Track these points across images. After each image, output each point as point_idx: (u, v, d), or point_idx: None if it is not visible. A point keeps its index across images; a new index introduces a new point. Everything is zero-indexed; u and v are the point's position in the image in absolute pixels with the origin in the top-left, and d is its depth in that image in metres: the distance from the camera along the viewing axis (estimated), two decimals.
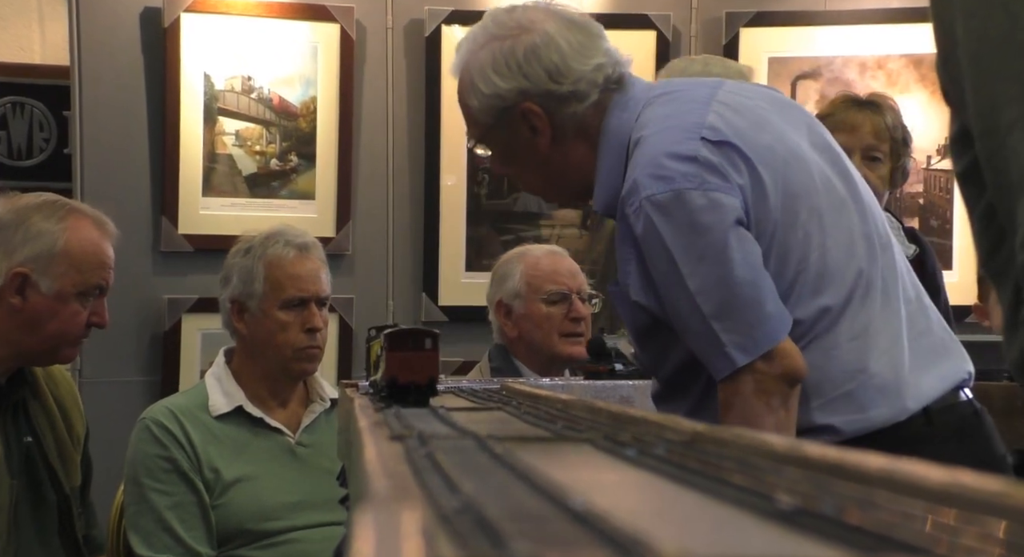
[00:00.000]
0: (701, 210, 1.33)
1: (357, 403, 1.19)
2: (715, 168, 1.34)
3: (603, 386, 1.68)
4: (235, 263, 2.06)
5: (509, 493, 0.52)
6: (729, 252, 1.32)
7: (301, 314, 2.03)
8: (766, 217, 1.36)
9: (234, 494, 1.97)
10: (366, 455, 0.63)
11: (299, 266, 2.05)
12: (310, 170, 3.06)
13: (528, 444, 0.75)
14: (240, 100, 3.03)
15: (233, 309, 2.06)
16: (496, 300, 2.38)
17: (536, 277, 2.33)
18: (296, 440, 2.07)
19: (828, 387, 1.36)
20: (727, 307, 1.33)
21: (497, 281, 2.40)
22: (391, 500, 0.45)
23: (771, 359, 1.32)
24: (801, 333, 1.36)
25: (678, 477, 0.56)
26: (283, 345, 2.02)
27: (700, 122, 1.37)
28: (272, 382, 2.06)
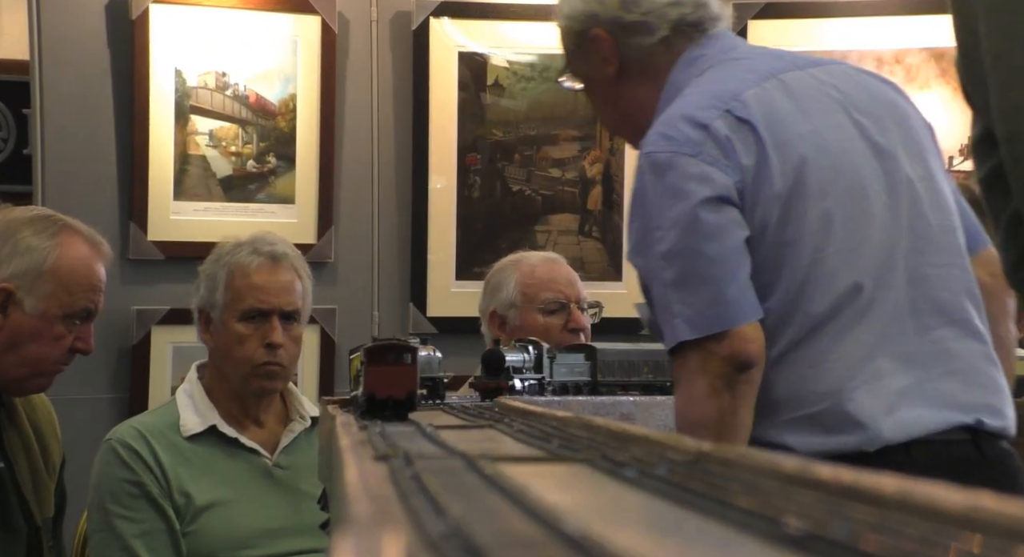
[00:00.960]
0: (690, 178, 1.39)
1: (339, 421, 1.19)
2: (722, 142, 1.40)
3: (602, 402, 1.68)
4: (205, 270, 2.06)
5: (499, 517, 0.52)
6: (703, 226, 1.38)
7: (261, 327, 2.01)
8: (764, 206, 1.39)
9: (207, 520, 1.96)
10: (347, 477, 0.63)
11: (264, 276, 2.03)
12: (289, 172, 3.07)
13: (521, 464, 0.75)
14: (214, 97, 3.03)
15: (200, 319, 2.05)
16: (489, 311, 2.38)
17: (532, 286, 2.33)
18: (274, 461, 2.06)
19: (794, 403, 1.39)
20: (687, 279, 1.39)
21: (490, 290, 2.39)
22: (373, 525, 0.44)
23: (721, 339, 1.37)
24: (775, 332, 1.39)
25: (680, 499, 0.56)
26: (240, 360, 2.01)
27: (736, 94, 1.44)
28: (241, 400, 2.05)
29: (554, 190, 3.22)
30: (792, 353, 1.40)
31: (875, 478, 0.48)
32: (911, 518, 0.45)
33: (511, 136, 3.20)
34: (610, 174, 3.24)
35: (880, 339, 1.40)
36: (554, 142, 3.22)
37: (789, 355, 1.40)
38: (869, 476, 0.48)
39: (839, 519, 0.45)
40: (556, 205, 3.22)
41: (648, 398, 1.73)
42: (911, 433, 1.37)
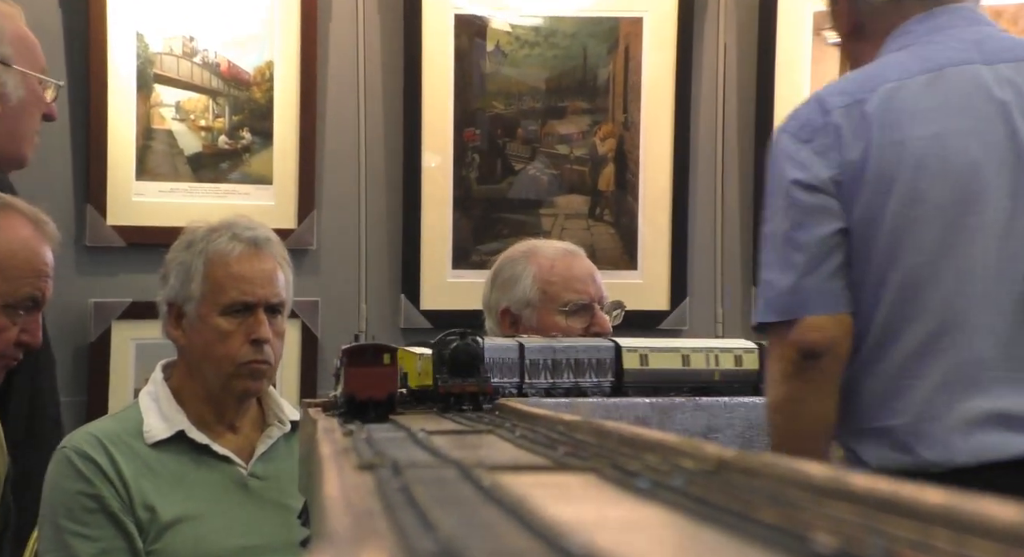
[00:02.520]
0: (795, 163, 1.60)
1: (321, 426, 1.20)
2: (837, 132, 1.58)
3: (615, 404, 1.68)
4: (174, 259, 2.06)
5: (496, 532, 0.52)
6: (794, 212, 1.58)
7: (245, 322, 2.01)
8: (860, 204, 1.56)
9: (173, 538, 1.96)
10: (327, 488, 0.63)
11: (246, 265, 2.03)
12: (266, 149, 3.06)
13: (521, 474, 0.76)
14: (181, 65, 3.02)
15: (170, 314, 2.05)
16: (501, 307, 2.37)
17: (552, 283, 2.32)
18: (249, 471, 2.06)
19: (874, 413, 1.54)
20: (774, 262, 1.60)
21: (501, 284, 2.38)
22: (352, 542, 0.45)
23: (791, 326, 1.57)
24: (863, 333, 1.56)
25: (699, 513, 0.56)
26: (223, 358, 2.00)
27: (877, 84, 1.60)
28: (214, 403, 2.05)
29: (561, 169, 3.22)
30: (877, 360, 1.54)
31: (916, 490, 0.48)
32: (956, 534, 0.45)
33: (513, 109, 3.20)
34: (623, 151, 3.24)
35: (970, 361, 1.50)
36: (561, 115, 3.21)
37: (874, 362, 1.54)
38: (909, 488, 0.48)
39: (874, 535, 0.45)
40: (564, 185, 3.22)
41: (667, 400, 1.73)
42: (987, 457, 1.47)
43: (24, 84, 2.24)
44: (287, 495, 1.98)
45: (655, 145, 3.22)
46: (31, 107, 2.26)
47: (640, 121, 3.21)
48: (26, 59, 2.25)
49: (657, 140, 3.22)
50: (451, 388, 1.40)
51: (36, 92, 2.27)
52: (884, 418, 1.55)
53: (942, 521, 0.46)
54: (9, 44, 2.23)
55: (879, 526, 0.47)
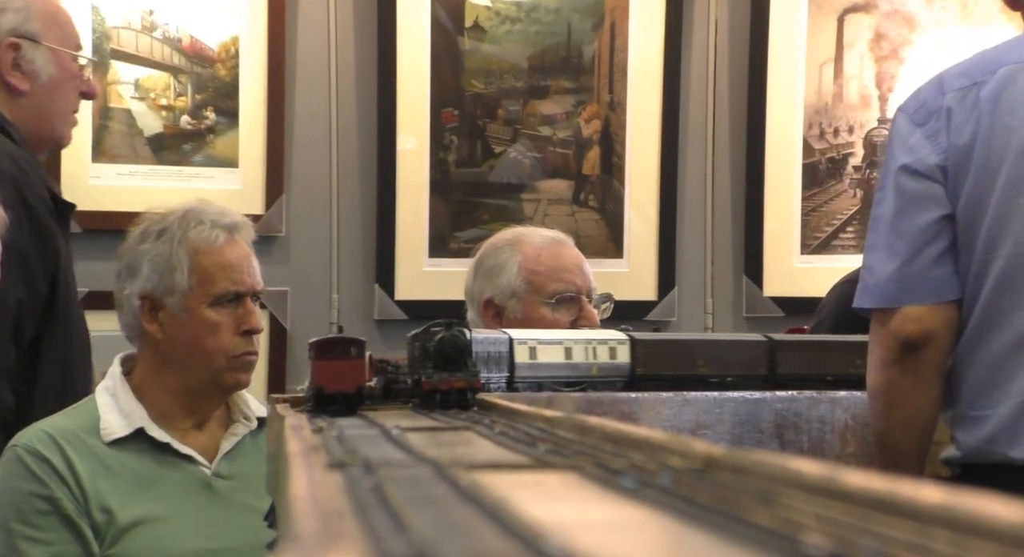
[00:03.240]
0: (902, 143, 1.66)
1: (289, 423, 1.19)
2: (947, 115, 1.64)
3: (599, 399, 1.69)
4: (146, 249, 2.05)
5: (472, 534, 0.53)
6: (899, 198, 1.65)
7: (235, 313, 2.02)
8: (967, 191, 1.61)
9: (132, 541, 1.95)
10: (293, 488, 0.63)
11: (230, 253, 2.03)
12: (232, 130, 3.05)
13: (500, 473, 0.76)
14: (140, 40, 3.01)
15: (144, 307, 2.04)
16: (484, 298, 2.37)
17: (538, 273, 2.32)
18: (213, 470, 2.06)
19: (971, 401, 1.62)
20: (877, 247, 1.69)
21: (485, 274, 2.38)
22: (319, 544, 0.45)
23: (890, 314, 1.64)
24: (966, 322, 1.63)
25: (686, 513, 0.56)
26: (215, 352, 2.01)
27: (996, 67, 1.65)
28: (191, 399, 2.05)
29: (544, 152, 3.22)
30: (977, 348, 1.60)
31: (913, 488, 0.48)
32: (955, 535, 0.45)
33: (494, 88, 3.20)
34: (609, 133, 3.24)
35: None
36: (544, 95, 3.21)
37: (974, 350, 1.60)
38: (906, 486, 0.48)
39: (868, 537, 0.46)
40: (547, 169, 3.22)
41: (653, 395, 1.73)
42: None
43: (55, 61, 2.25)
44: (253, 496, 1.98)
45: (642, 127, 3.22)
46: (64, 84, 2.26)
47: (627, 101, 3.21)
48: (57, 35, 2.26)
49: (645, 121, 3.22)
50: (437, 384, 1.35)
51: (69, 69, 2.28)
52: (980, 407, 1.60)
53: (940, 521, 0.46)
54: (37, 20, 2.24)
55: (874, 527, 0.47)
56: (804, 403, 1.76)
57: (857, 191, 3.30)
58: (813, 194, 3.29)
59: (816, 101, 3.27)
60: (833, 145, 3.29)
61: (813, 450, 1.73)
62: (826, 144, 3.29)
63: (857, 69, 3.27)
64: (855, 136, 3.29)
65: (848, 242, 3.27)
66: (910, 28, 3.26)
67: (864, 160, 3.30)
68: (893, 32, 3.26)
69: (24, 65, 2.23)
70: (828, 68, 3.27)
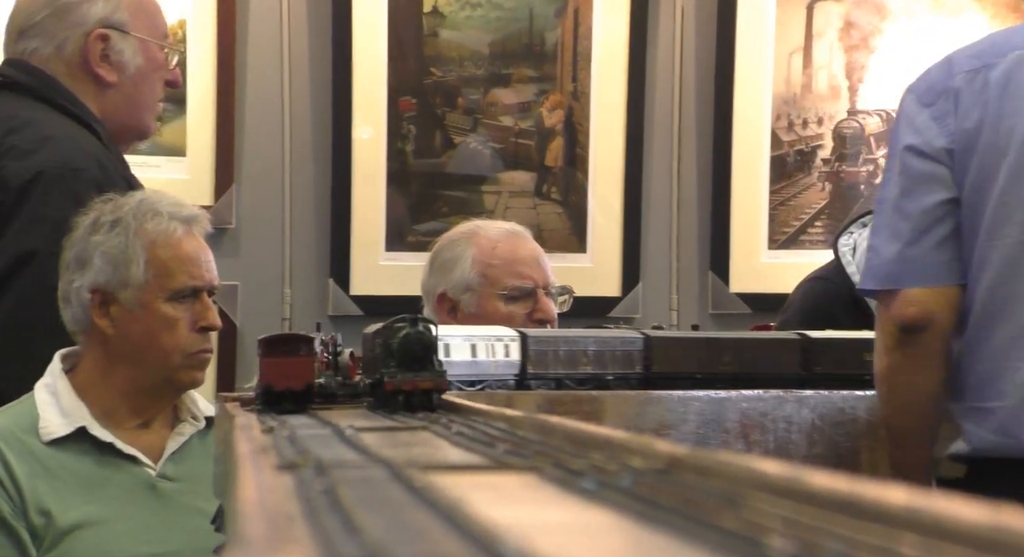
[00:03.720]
0: (908, 124, 1.69)
1: (238, 423, 1.19)
2: (954, 96, 1.67)
3: (561, 397, 1.69)
4: (98, 241, 2.03)
5: (425, 537, 0.53)
6: (904, 179, 1.67)
7: (192, 308, 2.02)
8: (971, 175, 1.64)
9: (72, 545, 1.94)
10: (240, 490, 0.63)
11: (188, 246, 2.03)
12: (178, 117, 3.03)
13: (457, 474, 0.76)
14: None
15: (95, 301, 2.03)
16: (438, 292, 2.37)
17: (493, 266, 2.32)
18: (158, 472, 2.05)
19: (979, 392, 1.64)
20: (881, 228, 1.71)
21: (439, 267, 2.38)
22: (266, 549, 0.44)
23: (892, 297, 1.67)
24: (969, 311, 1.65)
25: (647, 516, 0.57)
26: (171, 349, 2.00)
27: (1011, 48, 1.66)
28: (141, 398, 2.04)
29: (505, 142, 3.22)
30: (982, 338, 1.62)
31: (880, 490, 0.49)
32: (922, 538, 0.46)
33: (453, 76, 3.19)
34: (573, 123, 3.24)
35: None
36: (506, 84, 3.21)
37: (979, 340, 1.62)
38: (872, 487, 0.49)
39: (831, 539, 0.46)
40: (508, 161, 3.22)
41: (617, 393, 1.74)
42: None
43: (142, 51, 2.28)
44: (200, 498, 1.97)
45: (607, 117, 3.23)
46: (151, 75, 2.30)
47: (591, 91, 3.22)
48: (145, 25, 2.30)
49: (609, 112, 3.23)
50: (400, 384, 1.29)
51: (156, 59, 2.31)
52: (988, 399, 1.62)
53: (907, 524, 0.46)
54: (126, 9, 2.28)
55: (839, 530, 0.48)
56: (770, 402, 1.77)
57: (826, 185, 3.32)
58: (781, 188, 3.31)
59: (785, 91, 3.29)
60: (802, 137, 3.31)
61: (779, 450, 1.74)
62: (795, 136, 3.31)
63: (827, 59, 3.29)
64: (824, 128, 3.31)
65: (816, 237, 3.29)
66: (880, 16, 3.29)
67: (833, 153, 3.32)
68: (863, 20, 3.29)
69: (113, 56, 2.25)
70: (797, 57, 3.29)
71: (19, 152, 2.14)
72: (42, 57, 2.23)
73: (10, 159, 2.12)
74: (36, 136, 2.15)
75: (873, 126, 3.31)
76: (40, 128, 2.16)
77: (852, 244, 2.35)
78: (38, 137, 2.15)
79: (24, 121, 2.17)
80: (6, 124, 2.16)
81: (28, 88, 2.22)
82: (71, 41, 2.22)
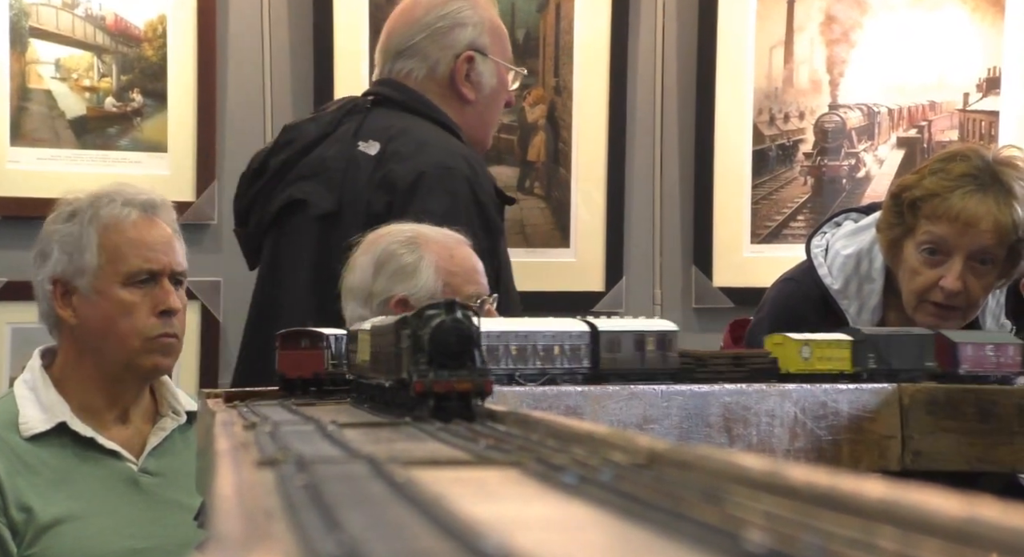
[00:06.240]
0: None
1: (219, 418, 1.19)
2: None
3: (543, 393, 1.69)
4: (56, 231, 2.02)
5: (406, 533, 0.52)
6: None
7: (151, 292, 2.00)
8: None
9: (53, 540, 1.93)
10: (219, 487, 0.63)
11: (144, 231, 2.02)
12: (160, 113, 3.02)
13: (439, 469, 0.76)
14: (61, 18, 2.96)
15: (56, 292, 2.02)
16: (396, 297, 2.34)
17: (455, 274, 2.31)
18: (140, 467, 2.04)
19: None
20: None
21: (394, 272, 2.35)
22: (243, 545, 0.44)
23: None
24: None
25: (627, 510, 0.57)
26: (128, 334, 1.99)
27: None
28: (111, 388, 2.03)
29: None
30: None
31: (855, 484, 0.49)
32: (898, 531, 0.46)
33: None
34: (555, 118, 3.24)
35: None
36: None
37: None
38: (849, 481, 0.49)
39: (810, 533, 0.46)
40: (490, 155, 3.22)
41: (599, 388, 1.74)
42: None
43: (497, 73, 2.49)
44: (183, 493, 1.97)
45: (589, 112, 3.23)
46: (499, 95, 2.51)
47: (573, 85, 3.22)
48: (499, 49, 2.50)
49: (591, 106, 3.23)
50: (432, 386, 1.06)
51: (504, 81, 2.51)
52: None
53: (883, 517, 0.47)
54: (488, 34, 2.48)
55: (818, 523, 0.48)
56: (753, 396, 1.78)
57: (808, 179, 3.33)
58: (763, 182, 3.32)
59: (766, 86, 3.29)
60: (783, 131, 3.32)
61: (762, 444, 1.75)
62: (776, 130, 3.31)
63: (808, 53, 3.30)
64: (806, 122, 3.32)
65: (798, 231, 3.30)
66: (861, 11, 3.29)
67: (815, 147, 3.33)
68: (844, 15, 3.29)
69: (474, 76, 2.46)
70: (778, 52, 3.29)
71: (401, 157, 2.35)
72: (416, 76, 2.45)
73: (395, 163, 2.35)
74: (413, 142, 2.37)
75: (854, 120, 3.32)
76: (415, 134, 2.39)
77: (824, 245, 2.34)
78: (415, 142, 2.37)
79: (400, 130, 2.39)
80: (386, 133, 2.38)
81: (398, 103, 2.44)
82: (443, 62, 2.44)
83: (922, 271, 2.17)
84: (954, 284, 2.14)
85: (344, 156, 2.38)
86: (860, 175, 3.33)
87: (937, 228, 2.14)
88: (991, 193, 2.16)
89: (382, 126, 2.41)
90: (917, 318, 2.21)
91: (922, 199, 2.16)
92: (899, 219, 2.19)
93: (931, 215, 2.14)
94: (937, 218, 2.13)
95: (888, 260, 2.23)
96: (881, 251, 2.24)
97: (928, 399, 1.82)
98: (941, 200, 2.15)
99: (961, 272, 2.14)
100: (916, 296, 2.19)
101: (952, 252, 2.14)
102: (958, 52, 3.26)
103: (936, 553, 0.44)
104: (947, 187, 2.16)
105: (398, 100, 2.44)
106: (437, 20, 2.45)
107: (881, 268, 2.25)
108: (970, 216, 2.14)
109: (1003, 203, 2.15)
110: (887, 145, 3.32)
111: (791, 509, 0.50)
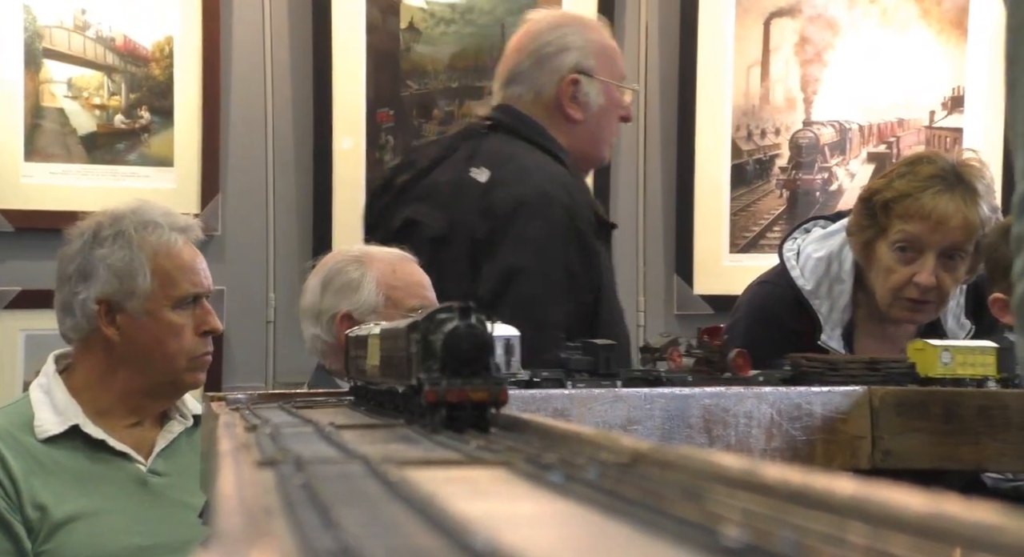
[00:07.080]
0: None
1: (222, 421, 1.18)
2: None
3: (532, 396, 1.69)
4: (103, 254, 2.03)
5: (399, 530, 0.52)
6: None
7: (194, 314, 2.04)
8: None
9: (65, 538, 1.93)
10: (220, 486, 0.62)
11: (189, 256, 2.06)
12: (166, 129, 3.01)
13: (431, 469, 0.76)
14: (72, 39, 2.96)
15: (101, 311, 2.03)
16: (341, 312, 2.32)
17: (397, 289, 2.31)
18: (149, 467, 2.04)
19: None
20: None
21: (339, 289, 2.35)
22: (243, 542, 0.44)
23: None
24: None
25: (611, 507, 0.57)
26: (176, 353, 2.02)
27: None
28: (142, 399, 2.05)
29: None
30: None
31: (828, 481, 0.49)
32: (869, 527, 0.46)
33: (429, 88, 3.19)
34: None
35: None
36: (479, 96, 3.21)
37: None
38: (821, 479, 0.49)
39: (785, 528, 0.46)
40: None
41: (586, 391, 1.74)
42: None
43: (604, 92, 2.50)
44: (189, 493, 1.97)
45: None
46: (610, 112, 2.52)
47: None
48: (607, 69, 2.52)
49: None
50: (445, 394, 0.97)
51: (615, 99, 2.53)
52: None
53: (854, 513, 0.47)
54: (594, 56, 2.50)
55: (791, 519, 0.48)
56: (731, 398, 1.78)
57: (783, 191, 3.34)
58: (741, 194, 3.33)
59: (744, 103, 3.30)
60: (760, 146, 3.33)
61: (740, 444, 1.75)
62: (753, 146, 3.32)
63: (783, 72, 3.31)
64: (781, 138, 3.33)
65: (775, 241, 3.30)
66: (833, 32, 3.31)
67: (790, 161, 3.33)
68: (817, 36, 3.31)
69: (580, 97, 2.47)
70: (755, 71, 3.30)
71: (505, 185, 2.38)
72: (525, 101, 2.47)
73: (499, 191, 2.37)
74: (517, 169, 2.40)
75: (827, 136, 3.33)
76: (520, 162, 2.41)
77: (796, 249, 2.35)
78: (518, 170, 2.39)
79: (507, 157, 2.42)
80: (496, 160, 2.41)
81: (511, 129, 2.46)
82: (548, 86, 2.46)
83: (896, 269, 2.18)
84: (928, 279, 2.15)
85: (455, 181, 2.41)
86: (833, 188, 3.34)
87: (910, 227, 2.16)
88: (958, 192, 2.18)
89: (493, 152, 2.43)
90: (892, 313, 2.22)
91: (894, 200, 2.17)
92: (871, 221, 2.21)
93: (903, 215, 2.16)
94: (909, 217, 2.15)
95: (861, 261, 2.24)
96: (854, 253, 2.25)
97: (897, 401, 1.82)
98: (913, 200, 2.17)
99: (934, 267, 2.16)
100: (891, 293, 2.20)
101: (924, 249, 2.16)
102: (924, 72, 3.27)
103: (904, 547, 0.44)
104: (917, 188, 2.17)
105: (511, 126, 2.47)
106: (543, 46, 2.48)
107: (850, 269, 2.26)
108: (941, 214, 2.16)
109: (970, 201, 2.18)
110: (858, 160, 3.33)
111: (767, 506, 0.50)
